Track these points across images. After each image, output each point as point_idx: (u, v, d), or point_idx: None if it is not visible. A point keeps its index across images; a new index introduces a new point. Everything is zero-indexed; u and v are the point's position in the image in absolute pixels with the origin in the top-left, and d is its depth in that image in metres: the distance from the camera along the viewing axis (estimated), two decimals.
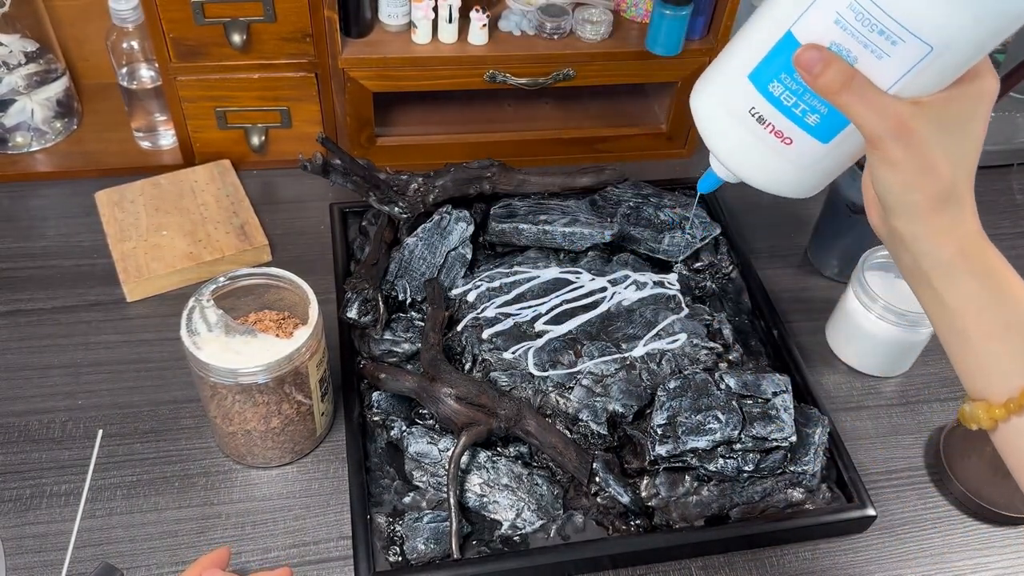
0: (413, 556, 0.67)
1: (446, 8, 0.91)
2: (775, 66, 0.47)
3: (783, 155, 0.50)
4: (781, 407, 0.72)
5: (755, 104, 0.49)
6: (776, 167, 0.51)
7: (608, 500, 0.71)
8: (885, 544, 0.74)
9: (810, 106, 0.47)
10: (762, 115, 0.49)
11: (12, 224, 0.93)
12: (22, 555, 0.68)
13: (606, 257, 0.88)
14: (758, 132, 0.49)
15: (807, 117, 0.48)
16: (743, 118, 0.49)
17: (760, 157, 0.50)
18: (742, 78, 0.49)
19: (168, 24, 0.88)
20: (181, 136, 0.98)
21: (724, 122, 0.51)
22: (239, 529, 0.71)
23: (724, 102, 0.51)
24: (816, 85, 0.44)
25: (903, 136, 0.43)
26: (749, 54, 0.48)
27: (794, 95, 0.47)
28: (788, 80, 0.47)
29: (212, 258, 0.88)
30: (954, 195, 0.45)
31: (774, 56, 0.47)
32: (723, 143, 0.52)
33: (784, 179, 0.51)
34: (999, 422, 0.47)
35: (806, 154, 0.49)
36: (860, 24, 0.43)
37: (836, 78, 0.43)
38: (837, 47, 0.44)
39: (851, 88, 0.43)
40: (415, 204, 0.86)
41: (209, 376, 0.65)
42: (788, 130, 0.48)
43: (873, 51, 0.43)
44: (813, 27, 0.45)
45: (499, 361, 0.77)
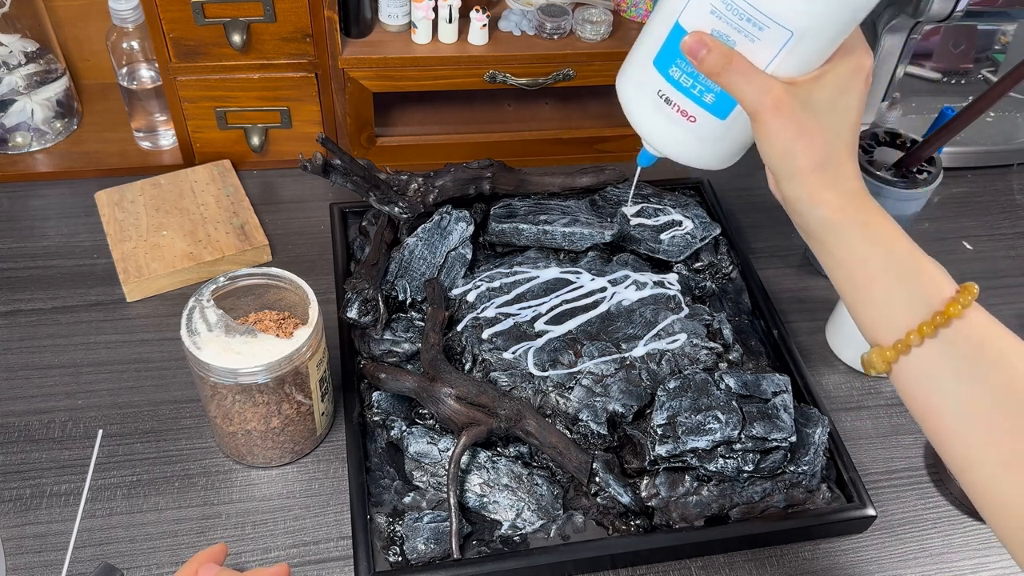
0: (413, 556, 0.67)
1: (446, 8, 0.91)
2: (671, 53, 0.52)
3: (691, 131, 0.55)
4: (781, 407, 0.73)
5: (661, 87, 0.54)
6: (688, 142, 0.56)
7: (608, 500, 0.71)
8: (885, 544, 0.74)
9: (705, 86, 0.52)
10: (668, 97, 0.54)
11: (12, 224, 0.93)
12: (22, 555, 0.68)
13: (606, 257, 0.88)
14: (667, 112, 0.55)
15: (704, 96, 0.53)
16: (654, 100, 0.55)
17: (673, 134, 0.56)
18: (649, 64, 0.54)
19: (168, 24, 0.88)
20: (181, 136, 0.98)
21: (641, 104, 0.56)
22: (239, 529, 0.71)
23: (639, 86, 0.56)
24: (702, 68, 0.50)
25: (778, 108, 0.49)
26: (651, 42, 0.54)
27: (691, 77, 0.53)
28: (683, 64, 0.52)
29: (212, 258, 0.88)
30: (832, 159, 0.50)
31: (669, 44, 0.52)
32: (643, 122, 0.57)
33: (697, 153, 0.57)
34: (891, 364, 0.50)
35: (709, 129, 0.55)
36: (731, 13, 0.49)
37: (717, 61, 0.49)
38: (717, 33, 0.49)
39: (730, 69, 0.49)
40: (415, 204, 0.86)
41: (209, 376, 0.65)
42: (690, 109, 0.54)
43: (746, 35, 0.49)
44: (695, 17, 0.50)
45: (499, 361, 0.77)
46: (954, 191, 1.08)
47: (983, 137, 1.10)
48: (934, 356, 0.49)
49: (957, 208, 1.06)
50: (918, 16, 0.93)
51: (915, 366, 0.49)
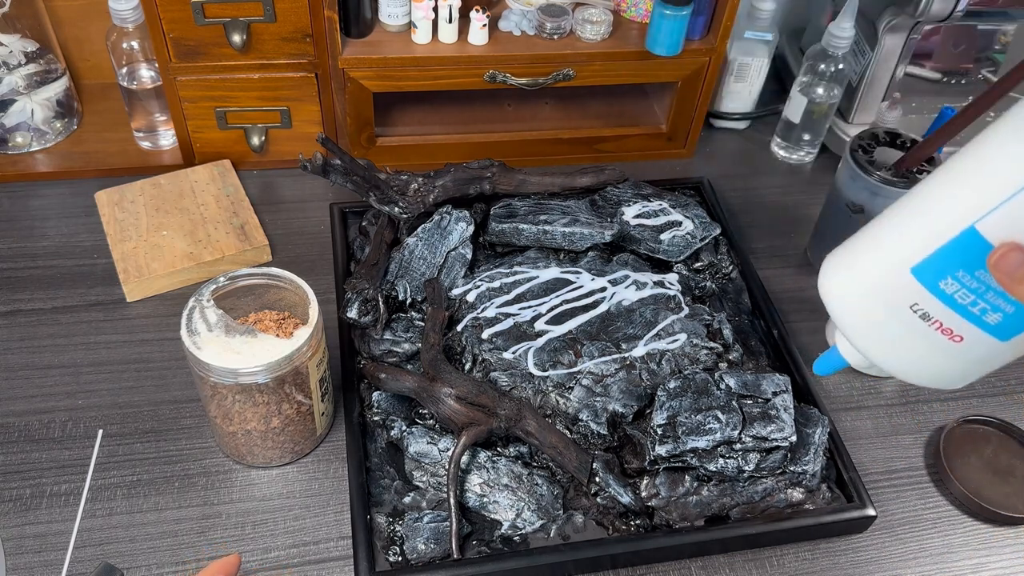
0: (413, 556, 0.67)
1: (446, 8, 0.91)
2: (950, 262, 0.41)
3: (946, 351, 0.44)
4: (781, 407, 0.73)
5: (919, 300, 0.43)
6: (935, 362, 0.45)
7: (608, 500, 0.71)
8: (885, 544, 0.74)
9: (992, 305, 0.41)
10: (927, 312, 0.43)
11: (12, 224, 0.93)
12: (22, 555, 0.68)
13: (606, 257, 0.88)
14: (919, 328, 0.44)
15: (986, 316, 0.42)
16: (901, 312, 0.44)
17: (917, 351, 0.45)
18: (903, 272, 0.43)
19: (168, 24, 0.88)
20: (181, 136, 0.98)
21: (874, 314, 0.45)
22: (239, 529, 0.71)
23: (876, 293, 0.45)
24: (1016, 292, 0.39)
25: None
26: (913, 246, 0.42)
27: (973, 293, 0.41)
28: (967, 278, 0.41)
29: (212, 258, 0.88)
30: None
31: (950, 251, 0.41)
32: (870, 335, 0.46)
33: (941, 373, 0.46)
34: None
35: (977, 351, 0.44)
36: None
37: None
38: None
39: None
40: (415, 204, 0.86)
41: (209, 376, 0.65)
42: (959, 328, 0.43)
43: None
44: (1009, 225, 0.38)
45: (499, 361, 0.77)
46: None
47: None
48: None
49: None
50: (918, 16, 0.94)
51: None
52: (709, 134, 1.12)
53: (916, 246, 0.42)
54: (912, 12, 0.93)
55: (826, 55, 1.00)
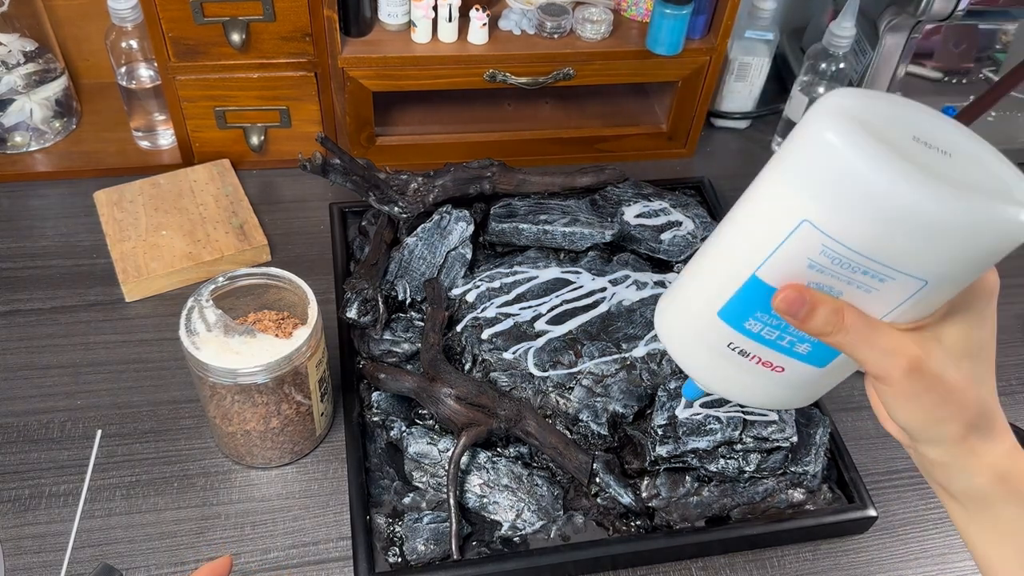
0: (413, 557, 0.67)
1: (446, 7, 0.91)
2: (746, 306, 0.42)
3: (773, 380, 0.45)
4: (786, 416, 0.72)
5: (733, 340, 0.44)
6: (768, 390, 0.46)
7: (608, 501, 0.71)
8: (886, 545, 0.74)
9: (797, 337, 0.42)
10: (744, 349, 0.44)
11: (11, 224, 0.93)
12: (21, 555, 0.68)
13: (606, 257, 0.88)
14: (743, 364, 0.45)
15: (796, 347, 0.43)
16: (722, 351, 0.44)
17: (747, 383, 0.46)
18: (712, 316, 0.44)
19: (167, 23, 0.88)
20: (180, 136, 0.98)
21: (701, 354, 0.46)
22: (238, 530, 0.71)
23: (697, 336, 0.45)
24: (805, 328, 0.40)
25: (915, 371, 0.39)
26: (714, 291, 0.43)
27: (776, 329, 0.42)
28: (765, 317, 0.42)
29: (211, 258, 0.88)
30: (984, 416, 0.42)
31: (743, 297, 0.42)
32: (704, 373, 0.47)
33: (779, 398, 0.47)
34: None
35: (802, 377, 0.45)
36: (838, 267, 0.38)
37: (827, 320, 0.39)
38: (818, 285, 0.39)
39: (844, 328, 0.39)
40: (415, 204, 0.85)
41: (208, 376, 0.65)
42: (776, 360, 0.44)
43: (859, 287, 0.39)
44: (783, 271, 0.40)
45: (499, 361, 0.77)
46: None
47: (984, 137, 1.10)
48: None
49: None
50: (919, 15, 0.93)
51: None
52: (710, 134, 1.12)
53: (716, 293, 0.43)
54: (913, 11, 0.93)
55: (827, 54, 1.00)
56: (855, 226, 0.37)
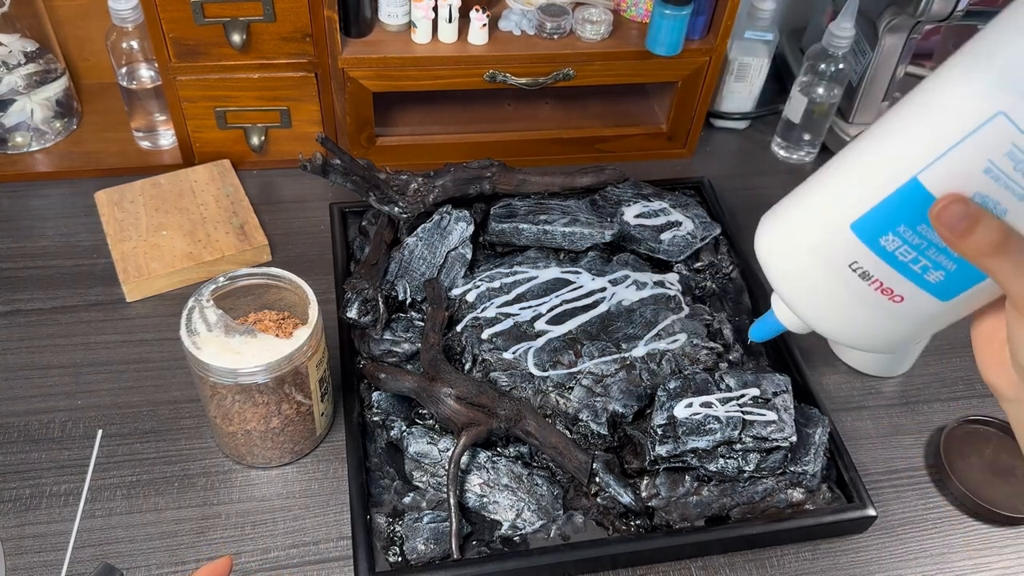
0: (413, 556, 0.67)
1: (446, 8, 0.91)
2: (892, 217, 0.38)
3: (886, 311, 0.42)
4: (781, 407, 0.72)
5: (858, 258, 0.40)
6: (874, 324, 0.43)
7: (608, 500, 0.71)
8: (885, 544, 0.74)
9: (934, 262, 0.39)
10: (867, 270, 0.40)
11: (12, 224, 0.93)
12: (22, 555, 0.68)
13: (606, 257, 0.88)
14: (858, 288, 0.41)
15: (928, 274, 0.39)
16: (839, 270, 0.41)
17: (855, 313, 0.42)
18: (842, 227, 0.40)
19: (168, 24, 0.88)
20: (181, 136, 0.98)
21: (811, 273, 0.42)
22: (239, 529, 0.71)
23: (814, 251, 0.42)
24: (959, 247, 0.36)
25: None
26: (852, 200, 0.40)
27: (915, 250, 0.39)
28: (908, 233, 0.38)
29: (212, 258, 0.88)
30: None
31: (891, 205, 0.38)
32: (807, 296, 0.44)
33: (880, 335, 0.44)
34: None
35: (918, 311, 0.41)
36: (1020, 174, 0.34)
37: (987, 239, 0.35)
38: (983, 198, 0.36)
39: (1005, 250, 0.35)
40: (415, 204, 0.86)
41: (209, 376, 0.65)
42: (900, 287, 0.40)
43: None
44: (953, 175, 0.36)
45: (499, 361, 0.77)
46: None
47: None
48: None
49: None
50: (918, 16, 0.93)
51: None
52: (709, 134, 1.12)
53: (856, 201, 0.40)
54: (912, 12, 0.93)
55: (826, 55, 1.00)
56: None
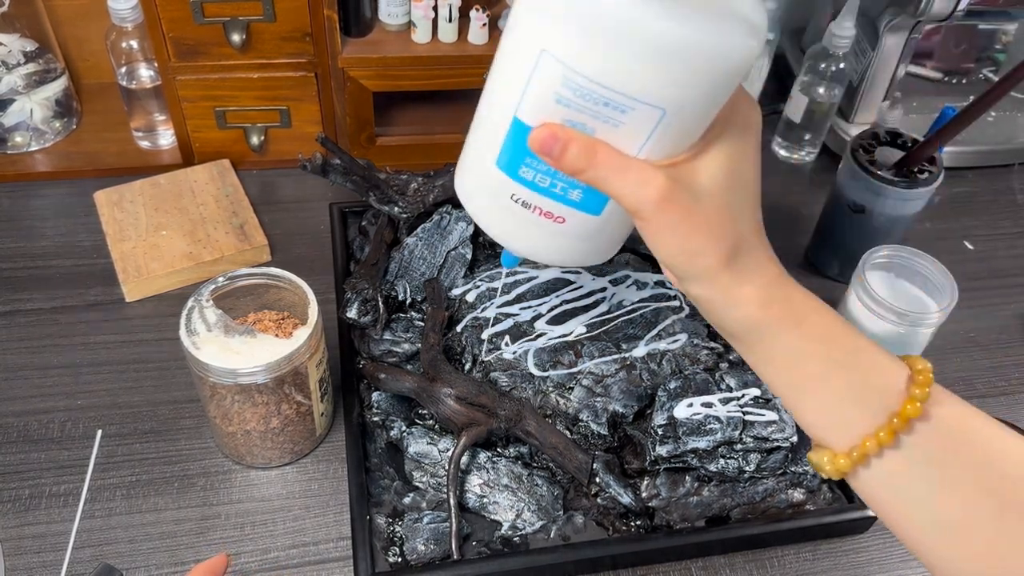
0: (413, 557, 0.67)
1: (446, 7, 0.91)
2: (517, 152, 0.43)
3: (562, 232, 0.46)
4: (782, 407, 0.72)
5: (513, 191, 0.45)
6: (560, 244, 0.47)
7: (608, 501, 0.71)
8: (886, 545, 0.74)
9: (567, 183, 0.43)
10: (524, 200, 0.45)
11: (11, 224, 0.93)
12: (21, 555, 0.68)
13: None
14: (528, 216, 0.45)
15: (569, 194, 0.44)
16: (508, 205, 0.45)
17: (541, 238, 0.47)
18: (492, 167, 0.45)
19: (167, 24, 0.88)
20: (180, 136, 0.98)
21: (493, 210, 0.47)
22: (239, 530, 0.71)
23: (484, 191, 0.47)
24: (561, 166, 0.41)
25: (665, 202, 0.40)
26: (488, 141, 0.44)
27: (548, 175, 0.43)
28: (535, 163, 0.43)
29: (212, 258, 0.88)
30: (742, 247, 0.42)
31: (512, 142, 0.43)
32: (499, 230, 0.48)
33: (573, 253, 0.48)
34: (846, 473, 0.44)
35: (584, 227, 0.46)
36: (583, 99, 0.39)
37: (578, 155, 0.40)
38: (571, 123, 0.40)
39: (597, 163, 0.40)
40: (415, 204, 0.85)
41: (208, 376, 0.65)
42: (556, 209, 0.45)
43: (606, 121, 0.39)
44: (537, 108, 0.41)
45: (499, 361, 0.77)
46: (955, 191, 1.08)
47: (984, 137, 1.10)
48: (898, 464, 0.42)
49: (958, 208, 1.06)
50: (919, 16, 0.93)
51: (876, 475, 0.43)
52: None
53: (491, 141, 0.44)
54: (913, 12, 0.93)
55: (827, 54, 1.00)
56: (588, 52, 0.37)
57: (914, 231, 1.01)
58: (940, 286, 0.81)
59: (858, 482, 0.44)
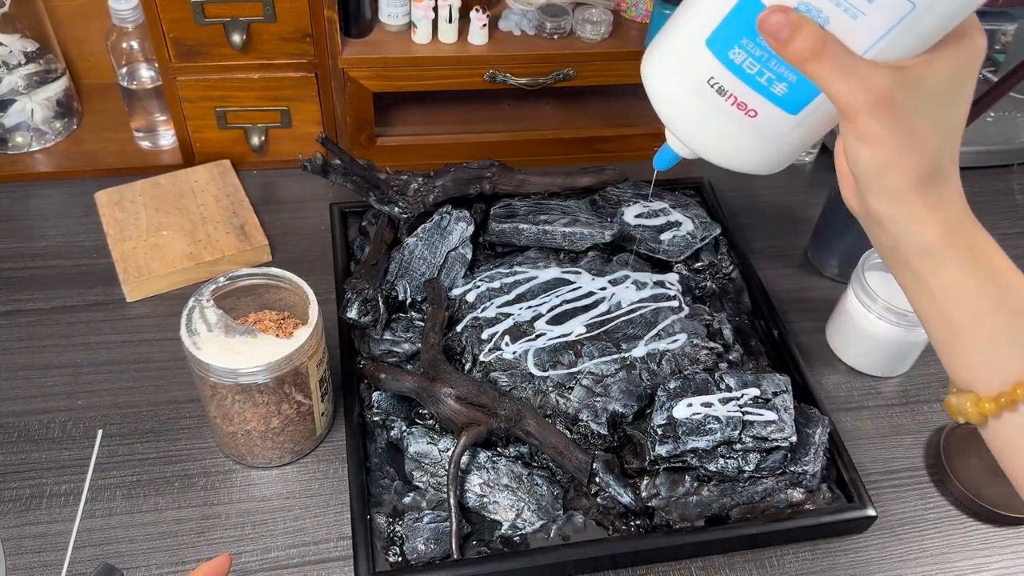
0: (413, 556, 0.67)
1: (446, 8, 0.91)
2: (736, 30, 0.42)
3: (747, 128, 0.45)
4: (781, 407, 0.72)
5: (714, 73, 0.44)
6: (739, 141, 0.46)
7: (608, 500, 0.71)
8: (885, 544, 0.74)
9: (776, 74, 0.43)
10: (722, 85, 0.44)
11: (12, 224, 0.93)
12: (22, 555, 0.68)
13: (606, 257, 0.88)
14: (718, 104, 0.45)
15: (773, 86, 0.43)
16: (701, 88, 0.45)
17: (721, 130, 0.46)
18: (699, 44, 0.44)
19: (168, 24, 0.88)
20: (181, 136, 0.98)
21: (680, 93, 0.46)
22: (239, 529, 0.71)
23: (679, 71, 0.46)
24: (784, 53, 0.40)
25: (883, 109, 0.39)
26: (705, 17, 0.43)
27: (758, 62, 0.42)
28: (751, 46, 0.42)
29: (212, 258, 0.88)
30: (939, 172, 0.41)
31: (734, 19, 0.42)
32: (680, 116, 0.47)
33: (748, 154, 0.47)
34: (989, 417, 0.44)
35: (773, 126, 0.45)
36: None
37: (806, 44, 0.39)
38: (806, 7, 0.39)
39: (823, 55, 0.39)
40: (415, 204, 0.86)
41: (209, 376, 0.65)
42: (752, 101, 0.44)
43: (847, 10, 0.39)
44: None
45: (499, 361, 0.77)
46: None
47: (983, 137, 1.10)
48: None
49: None
50: None
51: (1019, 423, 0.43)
52: None
53: (708, 19, 0.43)
54: None
55: None
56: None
57: None
58: None
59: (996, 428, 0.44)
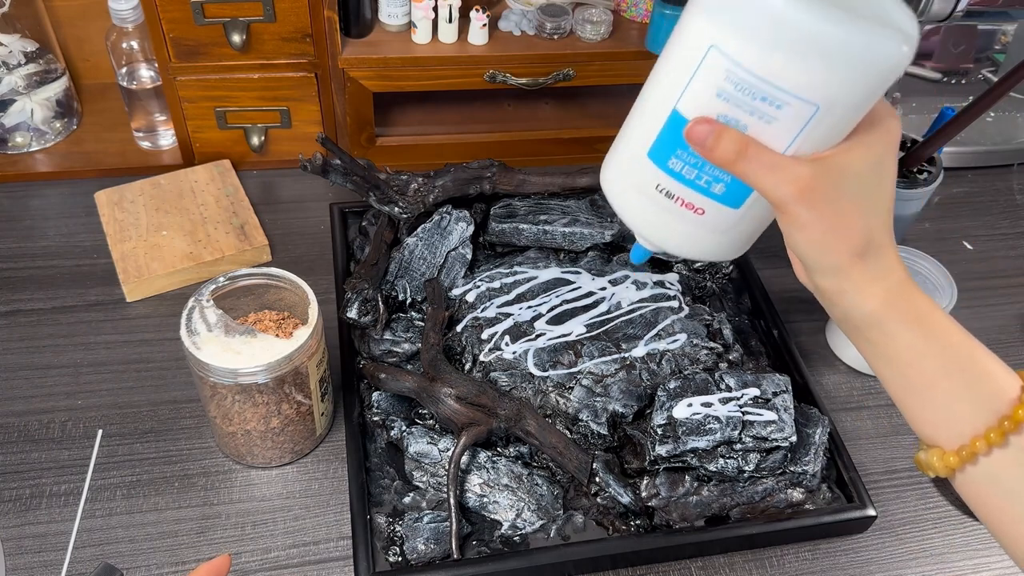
0: (413, 556, 0.67)
1: (446, 8, 0.91)
2: (670, 143, 0.47)
3: (700, 225, 0.49)
4: (781, 407, 0.72)
5: (660, 181, 0.48)
6: (697, 237, 0.50)
7: (608, 500, 0.71)
8: (885, 544, 0.74)
9: (713, 176, 0.47)
10: (669, 190, 0.48)
11: (12, 224, 0.93)
12: (22, 555, 0.68)
13: (606, 257, 0.88)
14: (669, 207, 0.49)
15: (712, 187, 0.47)
16: (652, 195, 0.49)
17: (678, 229, 0.50)
18: (643, 157, 0.48)
19: (168, 24, 0.88)
20: (181, 136, 0.98)
21: (636, 200, 0.51)
22: (239, 529, 0.71)
23: (631, 181, 0.50)
24: (712, 158, 0.44)
25: (808, 198, 0.43)
26: (644, 132, 0.48)
27: (695, 168, 0.47)
28: (685, 155, 0.47)
29: (212, 258, 0.88)
30: (872, 246, 0.45)
31: (667, 134, 0.47)
32: (639, 220, 0.51)
33: (708, 246, 0.51)
34: (955, 470, 0.47)
35: (722, 221, 0.49)
36: (741, 93, 0.43)
37: (729, 148, 0.43)
38: (725, 118, 0.44)
39: (747, 156, 0.43)
40: (415, 204, 0.86)
41: (209, 376, 0.65)
42: (698, 201, 0.48)
43: (761, 117, 0.43)
44: (697, 102, 0.44)
45: (499, 361, 0.77)
46: (954, 191, 1.08)
47: (983, 137, 1.10)
48: (1005, 463, 0.45)
49: (957, 208, 1.06)
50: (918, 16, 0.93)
51: (982, 473, 0.46)
52: None
53: (646, 134, 0.48)
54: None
55: None
56: (755, 49, 0.41)
57: (913, 231, 1.01)
58: (939, 286, 0.81)
59: (963, 478, 0.47)
